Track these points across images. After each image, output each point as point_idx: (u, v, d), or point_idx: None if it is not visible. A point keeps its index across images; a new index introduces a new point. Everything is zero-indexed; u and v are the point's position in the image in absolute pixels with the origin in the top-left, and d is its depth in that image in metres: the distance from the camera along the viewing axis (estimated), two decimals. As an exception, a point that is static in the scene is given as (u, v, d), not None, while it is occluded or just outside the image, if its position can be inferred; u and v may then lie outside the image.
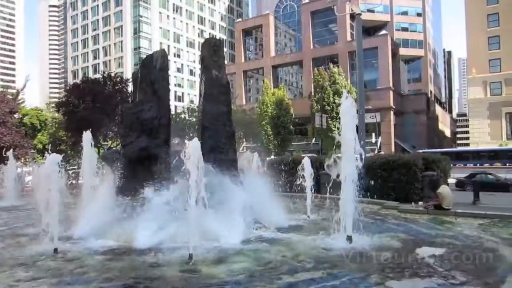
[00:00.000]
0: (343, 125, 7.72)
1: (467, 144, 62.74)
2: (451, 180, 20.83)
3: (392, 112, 55.80)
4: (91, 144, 10.54)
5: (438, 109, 77.18)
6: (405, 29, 73.21)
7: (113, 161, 10.08)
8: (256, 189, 9.91)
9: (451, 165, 18.78)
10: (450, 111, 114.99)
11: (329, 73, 47.72)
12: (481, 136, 52.55)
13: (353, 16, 29.63)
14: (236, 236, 7.72)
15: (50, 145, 47.82)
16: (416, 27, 74.02)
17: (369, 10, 60.24)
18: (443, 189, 11.40)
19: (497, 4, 52.84)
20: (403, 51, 68.99)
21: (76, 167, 45.47)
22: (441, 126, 76.53)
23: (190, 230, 6.65)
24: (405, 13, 73.84)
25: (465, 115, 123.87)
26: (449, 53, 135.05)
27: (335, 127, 43.63)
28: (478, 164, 34.98)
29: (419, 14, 74.41)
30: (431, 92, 75.27)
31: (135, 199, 8.90)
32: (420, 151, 35.62)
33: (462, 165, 34.07)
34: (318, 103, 43.99)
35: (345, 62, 57.78)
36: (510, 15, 51.21)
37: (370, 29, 71.15)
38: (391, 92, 56.03)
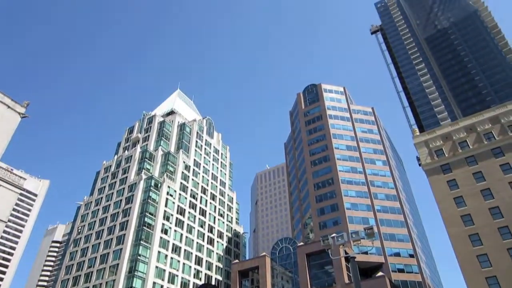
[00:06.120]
0: None
1: None
2: None
3: None
4: None
5: None
6: (401, 270, 73.10)
7: None
8: None
9: None
10: None
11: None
12: None
13: (348, 258, 29.99)
14: None
15: None
16: (412, 268, 74.12)
17: (363, 252, 61.73)
18: None
19: (482, 245, 55.09)
20: (405, 293, 66.55)
21: None
22: None
23: None
24: (397, 254, 75.57)
25: None
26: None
27: None
28: None
29: (411, 255, 75.92)
30: None
31: None
32: None
33: None
34: None
35: (346, 306, 54.51)
36: (498, 255, 52.70)
37: (367, 270, 70.88)
38: None
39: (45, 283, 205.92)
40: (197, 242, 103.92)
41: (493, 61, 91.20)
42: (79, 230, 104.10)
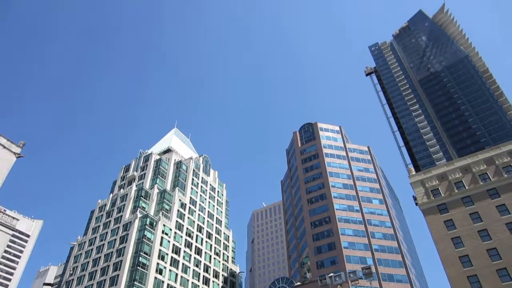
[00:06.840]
0: None
1: None
2: None
3: None
4: None
5: None
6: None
7: None
8: None
9: None
10: None
11: None
12: None
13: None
14: None
15: None
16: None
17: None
18: None
19: (480, 286, 54.12)
20: None
21: None
22: None
23: None
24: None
25: None
26: None
27: None
28: None
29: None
30: None
31: None
32: None
33: None
34: None
35: None
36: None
37: (366, 315, 68.83)
38: None
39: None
40: (192, 282, 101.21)
41: (486, 104, 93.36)
42: (72, 272, 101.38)
